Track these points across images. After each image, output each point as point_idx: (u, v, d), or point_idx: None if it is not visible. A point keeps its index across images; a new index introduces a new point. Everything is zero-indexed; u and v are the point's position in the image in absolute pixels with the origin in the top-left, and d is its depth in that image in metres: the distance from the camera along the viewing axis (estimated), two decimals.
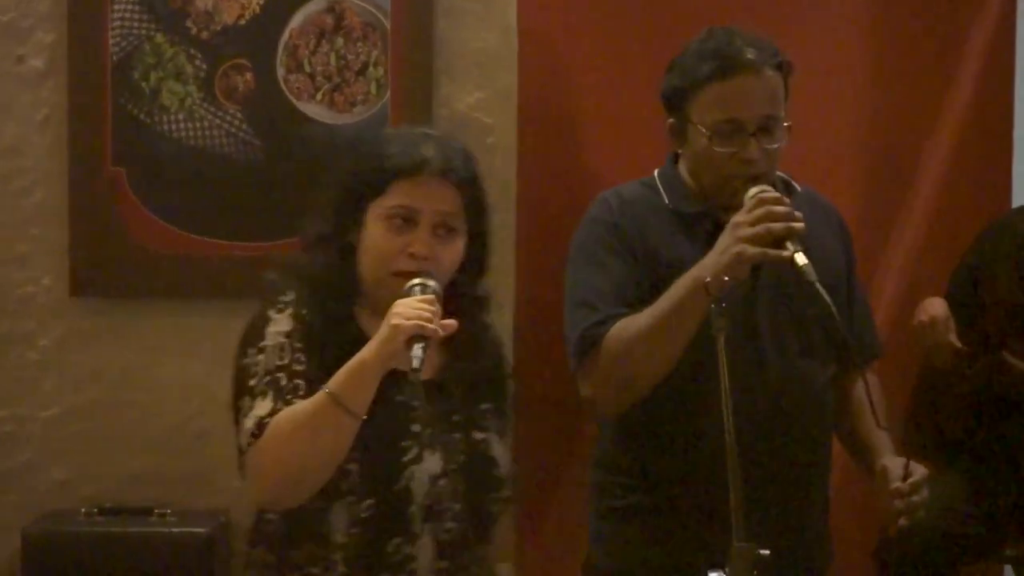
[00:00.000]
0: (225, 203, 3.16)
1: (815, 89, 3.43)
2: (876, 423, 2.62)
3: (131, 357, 3.12)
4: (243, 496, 2.65)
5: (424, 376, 2.16)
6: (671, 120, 2.60)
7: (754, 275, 2.47)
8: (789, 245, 2.32)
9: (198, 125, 3.13)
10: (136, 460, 3.16)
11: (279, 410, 2.16)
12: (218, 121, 3.13)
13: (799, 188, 2.68)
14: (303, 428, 2.15)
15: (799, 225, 2.35)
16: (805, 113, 3.14)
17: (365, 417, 2.16)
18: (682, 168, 2.65)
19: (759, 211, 2.37)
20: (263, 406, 2.16)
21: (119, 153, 3.12)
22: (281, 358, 2.20)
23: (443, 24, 3.19)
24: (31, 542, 2.97)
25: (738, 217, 2.40)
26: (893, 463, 2.54)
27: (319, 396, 2.15)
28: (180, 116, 3.13)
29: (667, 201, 2.61)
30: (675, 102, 2.57)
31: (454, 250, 2.28)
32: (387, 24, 3.15)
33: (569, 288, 2.63)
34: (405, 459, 2.22)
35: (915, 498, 2.49)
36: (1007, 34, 3.75)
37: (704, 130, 2.49)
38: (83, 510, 3.07)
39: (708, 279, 2.33)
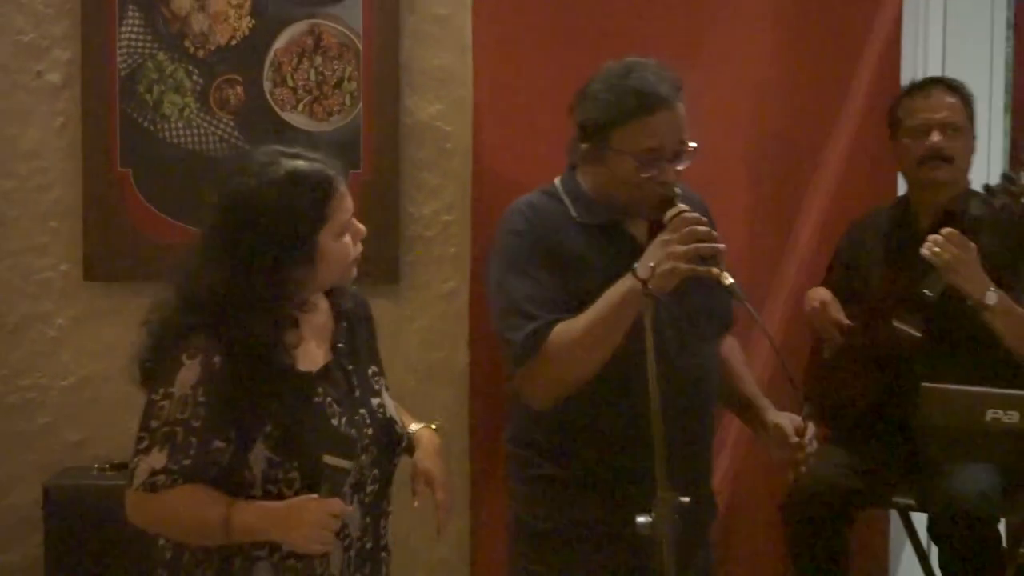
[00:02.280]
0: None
1: (726, 97, 3.51)
2: (750, 391, 2.82)
3: (136, 333, 3.13)
4: None
5: (314, 369, 2.23)
6: (586, 145, 2.63)
7: None
8: (719, 266, 2.42)
9: (195, 132, 3.16)
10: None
11: (171, 469, 2.09)
12: (212, 128, 3.16)
13: (679, 188, 2.70)
14: (178, 527, 2.15)
15: (723, 247, 2.44)
16: (717, 119, 3.28)
17: (287, 433, 2.15)
18: (582, 180, 2.69)
19: (686, 231, 2.44)
20: (159, 459, 2.11)
21: (126, 156, 3.14)
22: (183, 411, 2.12)
23: (407, 44, 3.21)
24: (51, 494, 3.01)
25: (665, 235, 2.47)
26: (784, 420, 2.67)
27: (213, 517, 2.09)
28: (179, 124, 3.15)
29: (574, 213, 2.66)
30: (595, 131, 2.61)
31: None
32: (359, 44, 3.17)
33: (502, 296, 2.65)
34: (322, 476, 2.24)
35: (809, 449, 2.63)
36: (894, 52, 3.79)
37: (630, 158, 2.54)
38: (95, 466, 3.11)
39: (648, 287, 2.36)
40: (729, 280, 2.43)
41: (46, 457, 3.17)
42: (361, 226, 2.29)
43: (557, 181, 2.73)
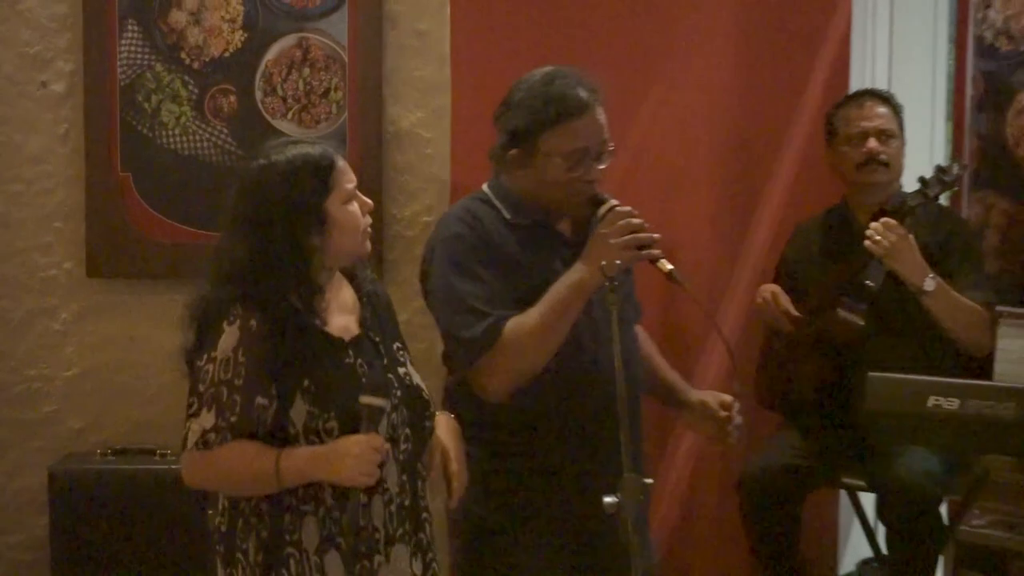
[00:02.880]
0: (212, 201, 3.02)
1: (688, 107, 3.53)
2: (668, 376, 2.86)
3: (136, 327, 3.22)
4: None
5: (348, 338, 2.31)
6: (515, 151, 2.65)
7: None
8: (657, 256, 2.49)
9: (191, 138, 3.19)
10: (140, 410, 3.21)
11: (220, 427, 2.17)
12: (207, 135, 3.19)
13: (603, 196, 2.74)
14: (233, 479, 2.22)
15: (657, 236, 2.50)
16: (679, 126, 3.33)
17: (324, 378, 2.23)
18: (510, 184, 2.72)
19: (621, 223, 2.51)
20: (208, 419, 2.18)
21: (126, 161, 3.17)
22: (226, 372, 2.20)
23: (390, 57, 3.25)
24: (55, 478, 3.03)
25: (603, 229, 2.54)
26: (709, 397, 2.77)
27: (265, 466, 2.16)
28: (176, 131, 3.19)
29: (507, 215, 2.68)
30: (523, 137, 2.62)
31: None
32: (345, 57, 3.20)
33: (450, 298, 2.65)
34: (361, 416, 2.25)
35: (737, 421, 2.71)
36: (843, 65, 3.84)
37: (559, 160, 2.59)
38: (98, 452, 3.14)
39: (589, 280, 2.47)
40: (669, 266, 2.49)
41: (51, 443, 3.19)
42: (367, 199, 2.36)
43: (486, 187, 2.77)
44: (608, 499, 2.18)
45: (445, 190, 3.20)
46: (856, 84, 3.90)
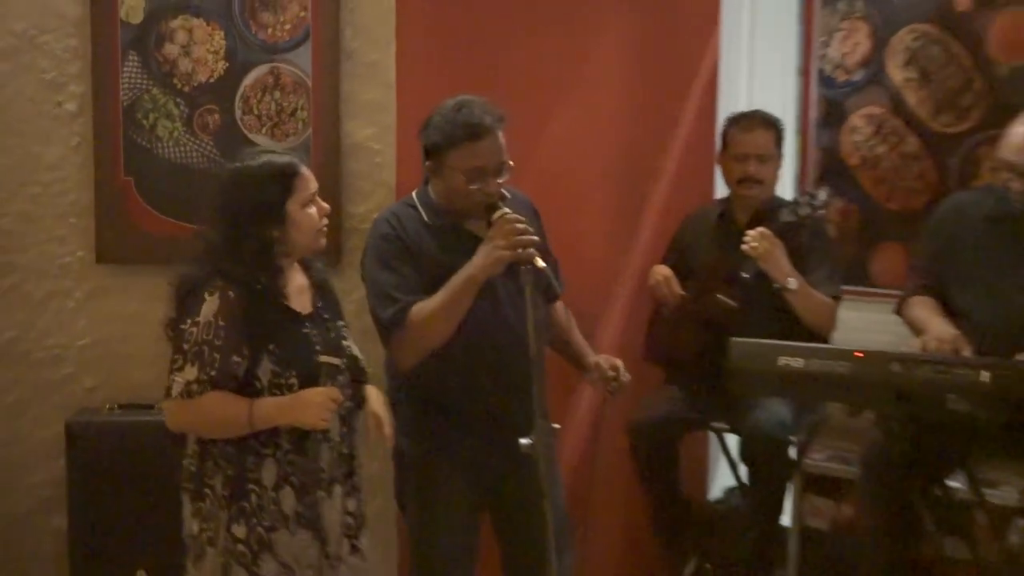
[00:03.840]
0: (200, 200, 2.95)
1: (588, 124, 3.56)
2: (576, 340, 2.98)
3: (137, 304, 3.22)
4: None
5: (305, 313, 2.40)
6: (429, 163, 2.72)
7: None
8: (532, 256, 2.50)
9: (182, 150, 3.22)
10: (140, 373, 3.20)
11: (202, 379, 2.24)
12: (195, 147, 3.22)
13: (507, 193, 2.77)
14: (209, 422, 2.30)
15: (535, 239, 2.52)
16: (581, 140, 3.35)
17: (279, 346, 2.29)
18: (432, 192, 2.78)
19: (507, 228, 2.53)
20: (191, 372, 2.25)
21: (128, 167, 3.20)
22: (208, 334, 2.26)
23: (346, 83, 3.25)
24: (71, 428, 3.08)
25: (491, 233, 2.57)
26: (602, 360, 2.90)
27: (239, 412, 2.25)
28: (169, 143, 3.21)
29: (426, 218, 2.74)
30: (435, 152, 2.69)
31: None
32: (309, 83, 3.24)
33: (374, 286, 2.70)
34: (320, 372, 2.37)
35: (622, 379, 2.88)
36: (712, 90, 3.91)
37: (460, 175, 2.65)
38: (106, 407, 3.19)
39: (478, 275, 2.53)
40: (541, 264, 2.52)
41: (67, 400, 3.22)
42: (325, 205, 2.41)
43: (414, 194, 2.82)
44: (523, 440, 2.27)
45: (392, 191, 3.22)
46: (723, 105, 3.94)
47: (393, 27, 3.22)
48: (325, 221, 2.43)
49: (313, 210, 2.39)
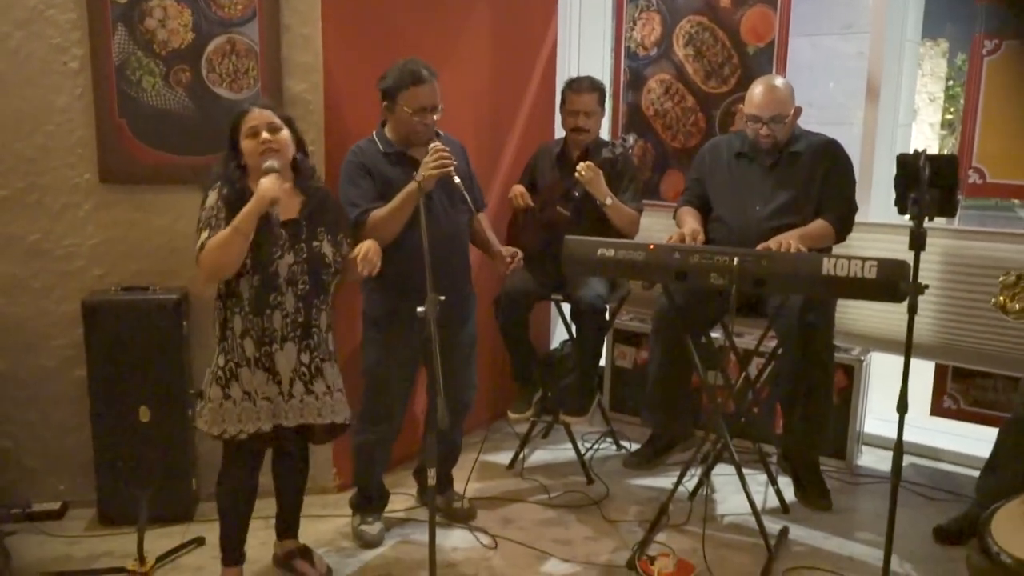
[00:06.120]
0: (179, 137, 3.14)
1: (465, 87, 3.60)
2: (488, 239, 3.07)
3: (131, 213, 3.18)
4: (196, 279, 2.93)
5: (287, 216, 2.41)
6: (385, 103, 2.78)
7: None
8: (451, 174, 2.63)
9: (162, 99, 3.13)
10: (138, 264, 3.20)
11: (211, 236, 2.33)
12: (172, 97, 3.13)
13: (442, 134, 2.87)
14: (222, 244, 2.33)
15: (454, 163, 2.66)
16: (461, 99, 3.34)
17: (250, 237, 2.34)
18: (387, 130, 2.84)
19: (436, 155, 2.66)
20: (204, 235, 2.34)
21: (121, 112, 3.11)
22: (212, 212, 2.38)
23: (285, 50, 3.13)
24: (86, 306, 3.05)
25: (427, 159, 2.67)
26: (504, 250, 3.04)
27: (230, 228, 2.33)
28: (152, 94, 3.12)
29: (382, 148, 2.81)
30: (389, 95, 2.76)
31: (284, 136, 2.46)
32: (257, 49, 3.14)
33: (343, 196, 2.76)
34: (274, 257, 2.41)
35: (515, 266, 3.03)
36: (552, 61, 4.11)
37: (407, 110, 2.72)
38: (112, 288, 3.15)
39: (419, 186, 2.58)
40: (456, 180, 2.65)
41: (82, 284, 3.17)
42: (265, 135, 2.41)
43: (374, 132, 2.88)
44: (419, 308, 2.30)
45: (320, 131, 3.18)
46: (560, 71, 4.03)
47: (319, 8, 3.16)
48: (266, 146, 2.42)
49: (250, 140, 2.43)
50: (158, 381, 3.08)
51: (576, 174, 3.30)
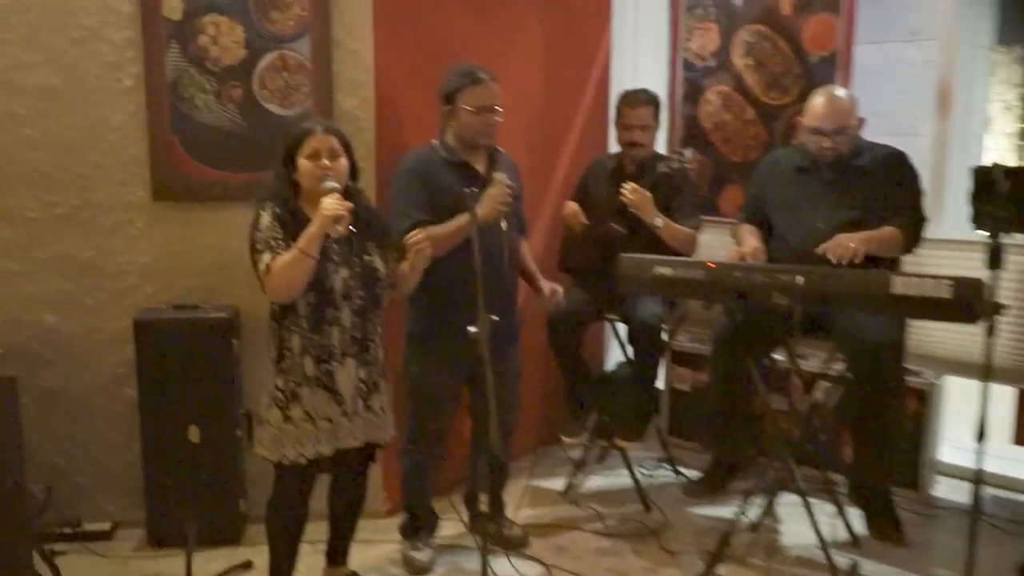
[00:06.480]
0: (230, 154, 3.17)
1: (518, 98, 3.52)
2: (530, 269, 3.06)
3: (183, 231, 3.20)
4: (251, 296, 2.76)
5: (336, 233, 2.37)
6: (447, 107, 2.78)
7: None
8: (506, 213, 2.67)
9: (214, 116, 3.16)
10: (190, 281, 3.23)
11: (273, 259, 2.34)
12: (224, 114, 3.17)
13: (502, 151, 2.88)
14: (289, 266, 2.33)
15: (511, 201, 2.69)
16: (514, 110, 3.25)
17: (316, 258, 2.34)
18: (448, 136, 2.84)
19: (501, 194, 2.70)
20: (266, 257, 2.35)
21: (174, 128, 3.15)
22: (269, 232, 2.38)
23: (336, 65, 3.15)
24: (137, 324, 3.07)
25: (492, 191, 2.71)
26: (546, 285, 3.02)
27: (294, 251, 2.33)
28: (204, 111, 3.15)
29: (444, 155, 2.82)
30: (449, 98, 2.80)
31: (343, 164, 2.45)
32: (309, 65, 3.15)
33: (393, 204, 2.79)
34: (329, 271, 2.41)
35: (559, 295, 3.04)
36: (606, 75, 4.08)
37: (468, 109, 2.76)
38: (163, 307, 3.16)
39: (476, 219, 2.53)
40: (504, 226, 2.70)
41: (134, 302, 3.20)
42: (325, 162, 2.42)
43: (434, 140, 2.88)
44: (471, 328, 2.35)
45: (371, 148, 3.19)
46: (615, 83, 3.98)
47: (371, 23, 3.17)
48: (328, 170, 2.43)
49: (309, 162, 2.43)
50: (208, 401, 3.10)
51: (621, 197, 3.27)
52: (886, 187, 3.09)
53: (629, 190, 3.24)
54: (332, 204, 2.32)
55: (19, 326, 3.19)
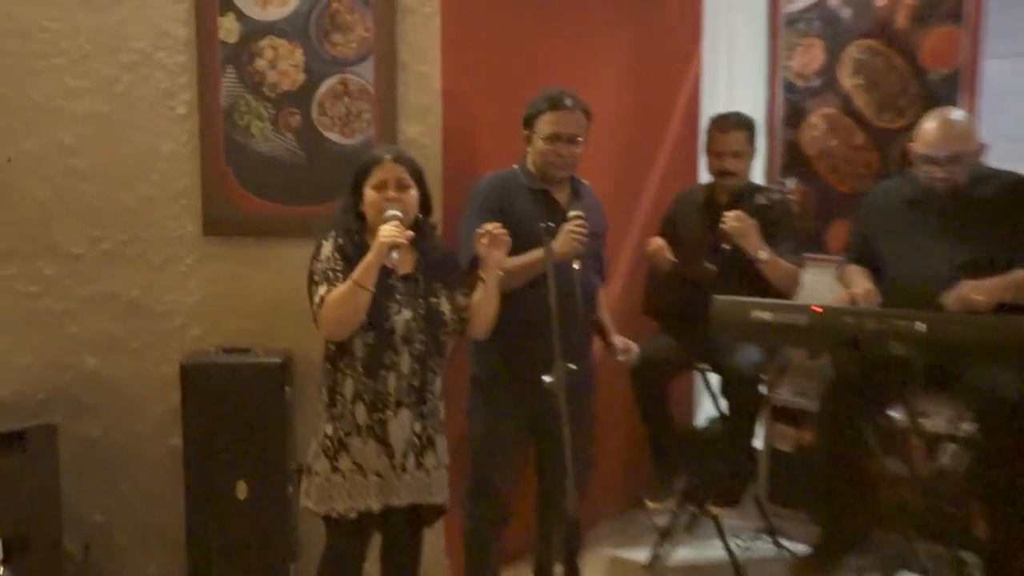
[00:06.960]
0: (287, 185, 3.13)
1: (602, 125, 3.33)
2: (604, 321, 2.97)
3: (235, 268, 3.19)
4: (305, 339, 2.81)
5: (404, 271, 2.41)
6: (526, 132, 2.79)
7: None
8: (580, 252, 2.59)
9: (270, 145, 3.12)
10: (241, 323, 3.19)
11: (329, 290, 2.33)
12: (281, 142, 3.13)
13: (585, 183, 2.86)
14: (343, 299, 2.31)
15: (586, 239, 2.62)
16: (596, 136, 3.13)
17: (372, 291, 2.32)
18: (528, 162, 2.82)
19: (580, 232, 2.62)
20: (322, 289, 2.34)
21: (228, 159, 3.12)
22: (329, 264, 2.38)
23: (401, 90, 3.11)
24: (184, 368, 3.01)
25: (569, 226, 2.63)
26: (619, 340, 2.92)
27: (349, 282, 2.31)
28: (260, 140, 3.11)
29: (524, 181, 2.79)
30: (528, 122, 2.79)
31: (411, 196, 2.44)
32: (372, 90, 3.11)
33: (464, 230, 2.72)
34: (390, 312, 2.38)
35: (632, 353, 2.92)
36: (695, 98, 3.95)
37: (543, 136, 2.72)
38: (212, 350, 3.11)
39: (551, 255, 2.50)
40: (576, 266, 2.57)
41: (181, 344, 3.17)
42: (391, 193, 2.41)
43: (515, 164, 2.84)
44: (546, 377, 2.28)
45: (438, 178, 3.12)
46: (705, 106, 3.93)
47: (439, 45, 3.12)
48: (394, 203, 2.41)
49: (375, 192, 2.43)
50: (258, 453, 3.02)
51: (722, 225, 3.17)
52: (1013, 220, 2.90)
53: (732, 216, 3.15)
54: (389, 230, 2.30)
55: (60, 369, 3.18)
